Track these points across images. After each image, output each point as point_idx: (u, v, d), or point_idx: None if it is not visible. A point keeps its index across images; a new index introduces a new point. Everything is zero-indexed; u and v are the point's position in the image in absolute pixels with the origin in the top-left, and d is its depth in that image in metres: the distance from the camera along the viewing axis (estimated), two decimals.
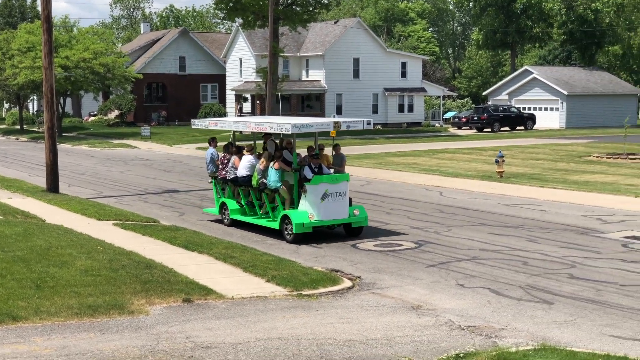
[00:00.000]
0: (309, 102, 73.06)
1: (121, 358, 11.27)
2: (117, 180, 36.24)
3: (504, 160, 35.05)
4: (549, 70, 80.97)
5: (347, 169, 23.95)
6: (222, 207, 23.60)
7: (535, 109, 77.16)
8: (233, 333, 12.64)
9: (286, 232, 20.67)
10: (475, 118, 71.89)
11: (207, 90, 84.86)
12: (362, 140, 59.71)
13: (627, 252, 19.20)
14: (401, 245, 20.41)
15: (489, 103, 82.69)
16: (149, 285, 15.31)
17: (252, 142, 24.15)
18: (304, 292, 15.34)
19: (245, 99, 75.05)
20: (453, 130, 73.21)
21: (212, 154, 24.28)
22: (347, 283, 16.26)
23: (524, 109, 76.56)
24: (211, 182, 24.86)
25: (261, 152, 23.21)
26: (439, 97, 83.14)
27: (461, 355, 11.38)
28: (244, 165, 22.43)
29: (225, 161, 23.34)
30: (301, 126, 20.14)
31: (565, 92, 74.88)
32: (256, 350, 11.72)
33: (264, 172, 21.54)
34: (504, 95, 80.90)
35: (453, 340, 12.41)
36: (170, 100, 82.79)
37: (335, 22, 75.38)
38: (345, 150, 28.05)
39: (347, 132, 65.03)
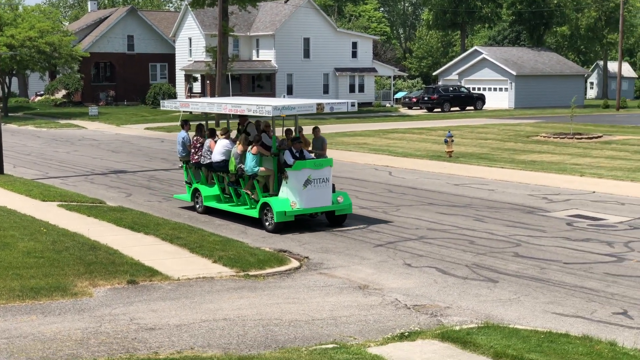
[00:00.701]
0: (260, 82, 72.65)
1: (63, 340, 11.10)
2: (63, 160, 35.67)
3: (453, 140, 35.26)
4: (498, 50, 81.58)
5: None
6: (195, 193, 22.28)
7: (484, 89, 77.74)
8: (178, 314, 12.52)
9: (266, 221, 19.47)
10: (426, 98, 72.22)
11: (157, 69, 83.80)
12: (313, 120, 59.51)
13: (571, 231, 19.46)
14: (350, 225, 20.42)
15: (439, 83, 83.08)
16: (93, 266, 15.10)
17: (228, 125, 22.82)
18: (250, 273, 15.27)
19: (195, 79, 74.35)
20: (403, 111, 73.49)
21: (183, 137, 22.84)
22: (295, 263, 16.23)
23: (473, 89, 77.09)
24: (181, 166, 23.54)
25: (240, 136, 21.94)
26: (390, 77, 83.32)
27: (406, 334, 11.43)
28: (219, 149, 21.11)
29: (198, 145, 22.02)
30: (282, 108, 18.89)
31: (514, 73, 75.55)
32: (201, 332, 11.63)
33: (242, 157, 20.33)
34: (454, 76, 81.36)
35: (398, 319, 12.45)
36: (119, 79, 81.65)
37: (285, 1, 74.92)
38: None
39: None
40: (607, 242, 17.99)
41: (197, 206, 22.20)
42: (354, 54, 75.68)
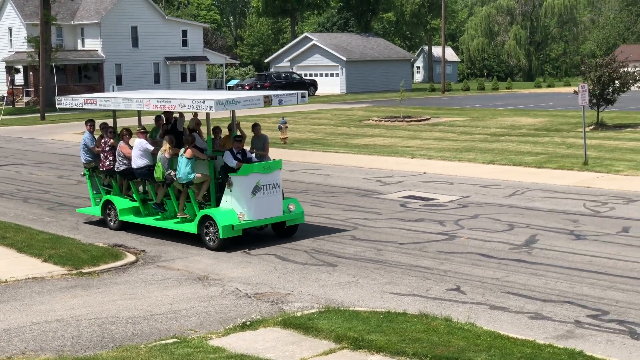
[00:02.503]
0: (87, 72, 70.38)
1: None
2: None
3: (287, 127, 35.42)
4: (328, 37, 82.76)
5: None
6: (107, 206, 18.84)
7: (316, 75, 78.71)
8: (7, 318, 11.84)
9: (208, 238, 16.43)
10: (258, 85, 72.26)
11: None
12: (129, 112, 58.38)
13: (405, 212, 19.93)
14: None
15: (272, 70, 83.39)
16: None
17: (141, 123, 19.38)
18: (84, 270, 14.68)
19: (17, 71, 71.07)
20: None
21: (86, 139, 19.32)
22: (131, 258, 15.75)
23: (305, 75, 77.86)
24: (84, 174, 20.04)
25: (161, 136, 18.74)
26: (222, 65, 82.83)
27: (247, 323, 11.30)
28: (138, 153, 17.66)
29: (107, 148, 18.55)
30: (226, 102, 15.92)
31: (344, 58, 76.88)
32: (32, 335, 11.05)
33: (170, 162, 17.17)
34: (285, 62, 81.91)
35: (240, 309, 12.31)
36: None
37: None
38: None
39: None
40: (438, 221, 18.54)
41: (110, 221, 18.76)
42: (185, 43, 74.71)
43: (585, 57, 78.20)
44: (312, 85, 74.74)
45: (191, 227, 16.86)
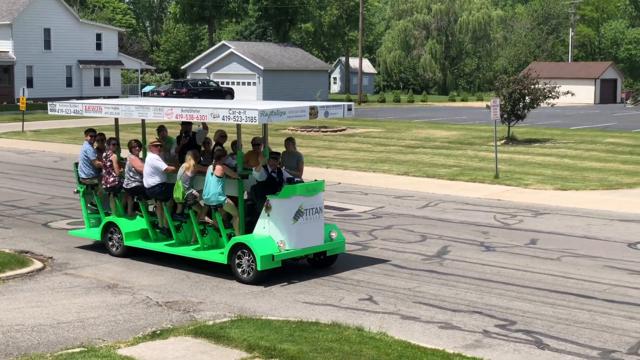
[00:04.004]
0: None
1: None
2: None
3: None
4: (246, 45, 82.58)
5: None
6: (109, 229, 16.44)
7: (233, 83, 78.39)
8: None
9: (240, 269, 14.24)
10: (174, 92, 71.48)
11: None
12: (56, 114, 57.09)
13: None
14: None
15: (188, 77, 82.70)
16: None
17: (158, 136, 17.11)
18: None
19: None
20: None
21: (87, 150, 16.84)
22: (38, 264, 15.34)
23: (222, 83, 77.48)
24: (78, 191, 17.43)
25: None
26: (137, 70, 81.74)
27: (158, 332, 11.12)
28: (149, 170, 15.44)
29: (108, 163, 16.39)
30: (271, 113, 13.78)
31: (262, 67, 76.82)
32: None
33: (192, 180, 15.04)
34: (202, 70, 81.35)
35: (150, 317, 12.11)
36: None
37: None
38: (36, 125, 26.36)
39: (36, 106, 62.01)
40: (352, 232, 18.64)
41: (112, 246, 16.38)
42: (99, 46, 73.47)
43: (497, 73, 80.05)
44: (228, 94, 74.34)
45: (219, 256, 14.61)
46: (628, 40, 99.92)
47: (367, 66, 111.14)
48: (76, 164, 17.25)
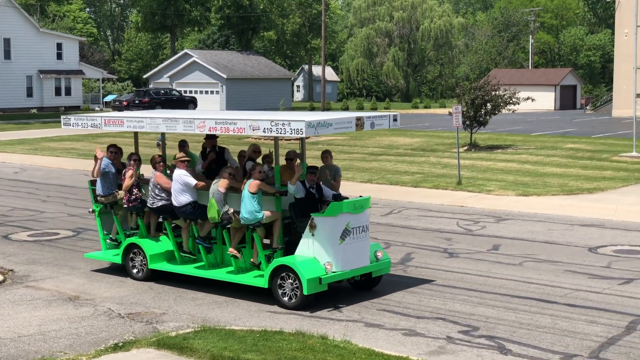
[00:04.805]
0: None
1: None
2: None
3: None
4: (209, 54, 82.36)
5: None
6: (131, 251, 15.24)
7: (196, 92, 78.13)
8: None
9: (282, 292, 13.22)
10: (137, 101, 71.06)
11: None
12: (16, 125, 56.54)
13: None
14: (58, 234, 19.46)
15: (151, 86, 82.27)
16: None
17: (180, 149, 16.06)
18: None
19: None
20: None
21: (107, 165, 15.68)
22: None
23: (185, 92, 77.18)
24: (93, 211, 16.28)
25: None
26: (99, 79, 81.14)
27: (120, 344, 11.02)
28: (179, 187, 14.29)
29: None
30: (318, 125, 12.88)
31: (225, 76, 76.66)
32: None
33: (226, 197, 13.92)
34: (165, 79, 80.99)
35: (112, 329, 12.00)
36: None
37: None
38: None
39: None
40: None
41: (134, 268, 15.20)
42: (59, 56, 72.77)
43: (459, 80, 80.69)
44: (192, 103, 74.08)
45: (258, 280, 13.56)
46: (587, 47, 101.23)
47: (330, 74, 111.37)
48: (91, 182, 16.30)
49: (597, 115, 67.75)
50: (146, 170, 16.10)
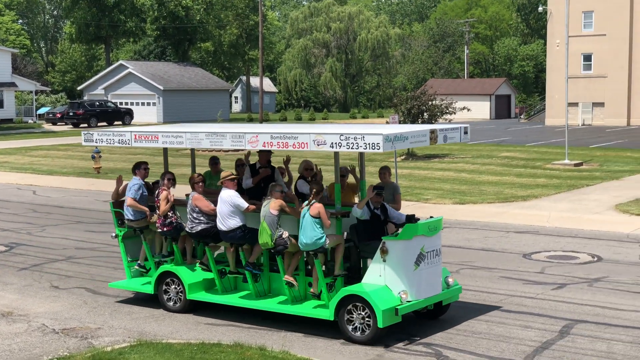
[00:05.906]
0: None
1: None
2: None
3: (100, 156, 34.50)
4: (145, 65, 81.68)
5: None
6: (165, 279, 13.78)
7: (132, 103, 77.36)
8: None
9: (352, 326, 11.83)
10: (71, 113, 70.07)
11: None
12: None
13: None
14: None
15: (85, 98, 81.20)
16: None
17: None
18: None
19: None
20: (48, 127, 70.71)
21: (138, 187, 14.06)
22: None
23: (121, 103, 76.37)
24: (116, 236, 14.71)
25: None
26: (32, 92, 79.73)
27: None
28: (228, 210, 12.80)
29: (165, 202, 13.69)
30: (395, 139, 11.46)
31: (161, 87, 76.09)
32: None
33: (279, 220, 12.50)
34: (100, 90, 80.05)
35: (46, 345, 11.77)
36: None
37: None
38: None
39: None
40: None
41: (170, 300, 13.74)
42: None
43: (397, 90, 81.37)
44: (127, 114, 73.30)
45: (322, 312, 12.24)
46: (521, 57, 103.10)
47: (268, 85, 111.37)
48: (113, 204, 14.68)
49: (530, 124, 69.02)
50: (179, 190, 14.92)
